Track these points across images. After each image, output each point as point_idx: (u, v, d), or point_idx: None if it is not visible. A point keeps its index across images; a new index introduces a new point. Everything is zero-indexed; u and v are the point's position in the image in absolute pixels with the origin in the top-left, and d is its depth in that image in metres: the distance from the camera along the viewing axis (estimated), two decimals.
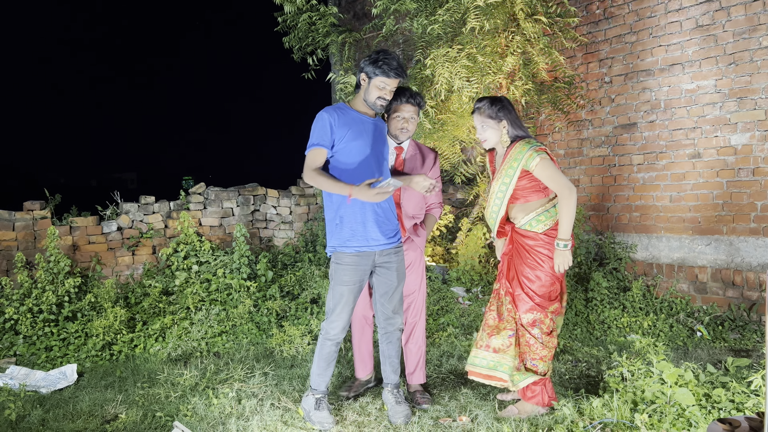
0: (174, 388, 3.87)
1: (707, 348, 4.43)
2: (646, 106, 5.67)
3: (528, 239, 3.25)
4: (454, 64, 5.02)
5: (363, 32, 6.22)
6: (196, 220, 6.44)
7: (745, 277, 4.99)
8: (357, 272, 3.21)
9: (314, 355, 3.32)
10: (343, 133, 3.17)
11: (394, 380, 3.42)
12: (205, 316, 4.98)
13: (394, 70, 3.14)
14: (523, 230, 3.26)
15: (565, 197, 3.11)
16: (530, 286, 3.24)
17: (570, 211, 3.12)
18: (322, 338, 3.27)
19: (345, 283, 3.20)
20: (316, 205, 7.07)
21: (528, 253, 3.25)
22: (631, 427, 2.97)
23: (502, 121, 3.26)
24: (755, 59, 4.88)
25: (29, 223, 5.62)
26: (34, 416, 3.44)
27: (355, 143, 3.18)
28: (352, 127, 3.19)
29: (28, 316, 4.76)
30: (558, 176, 3.15)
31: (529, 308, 3.24)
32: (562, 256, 3.18)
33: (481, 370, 3.31)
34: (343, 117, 3.20)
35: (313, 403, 3.25)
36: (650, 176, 5.67)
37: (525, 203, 3.25)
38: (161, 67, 25.57)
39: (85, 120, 24.96)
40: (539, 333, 3.23)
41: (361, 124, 3.22)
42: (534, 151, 3.16)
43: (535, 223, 3.23)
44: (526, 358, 3.25)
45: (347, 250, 3.20)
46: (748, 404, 3.11)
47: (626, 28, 5.80)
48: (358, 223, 3.18)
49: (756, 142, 4.90)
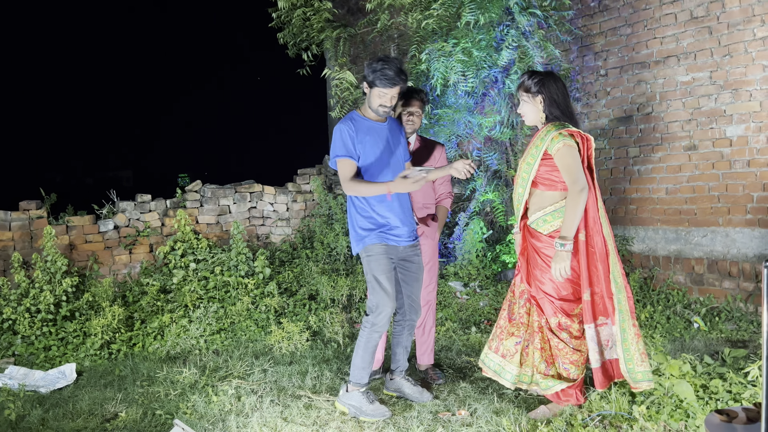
0: (173, 386, 3.88)
1: (704, 339, 4.45)
2: (642, 98, 5.68)
3: (535, 239, 3.11)
4: (450, 58, 5.02)
5: (358, 27, 6.21)
6: (192, 218, 6.44)
7: (741, 268, 5.01)
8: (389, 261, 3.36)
9: (358, 349, 3.37)
10: (363, 142, 3.31)
11: (406, 365, 3.62)
12: (204, 313, 4.98)
13: (390, 81, 3.20)
14: (532, 228, 3.12)
15: (575, 193, 2.93)
16: (544, 288, 3.09)
17: (577, 210, 2.94)
18: (369, 331, 3.34)
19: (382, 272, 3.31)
20: (313, 201, 7.07)
21: (537, 254, 3.11)
22: (629, 418, 2.98)
23: (538, 96, 3.09)
24: (750, 50, 4.89)
25: (25, 223, 5.61)
26: (34, 416, 3.44)
27: (373, 150, 3.32)
28: (368, 135, 3.33)
29: (26, 316, 4.75)
30: (575, 169, 2.96)
31: (553, 312, 3.09)
32: (560, 260, 2.96)
33: (488, 371, 3.32)
34: (360, 127, 3.34)
35: (365, 398, 3.32)
36: (646, 168, 5.68)
37: (544, 192, 3.07)
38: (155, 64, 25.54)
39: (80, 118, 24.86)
40: (568, 337, 3.07)
41: (375, 133, 3.35)
42: (559, 134, 2.98)
43: (542, 222, 3.08)
44: (557, 362, 3.10)
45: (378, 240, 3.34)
46: (745, 395, 3.13)
47: (621, 20, 5.80)
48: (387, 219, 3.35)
49: (751, 134, 4.92)
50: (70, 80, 26.42)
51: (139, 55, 28.02)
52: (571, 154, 2.98)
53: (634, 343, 3.02)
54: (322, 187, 6.94)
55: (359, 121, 3.36)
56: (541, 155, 3.03)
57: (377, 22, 5.75)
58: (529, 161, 3.09)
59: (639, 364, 3.02)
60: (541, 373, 3.13)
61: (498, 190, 6.35)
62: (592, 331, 3.04)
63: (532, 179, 3.08)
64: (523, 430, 2.98)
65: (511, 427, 3.00)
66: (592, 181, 3.07)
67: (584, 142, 3.07)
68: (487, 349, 3.32)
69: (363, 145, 3.31)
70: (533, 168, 3.06)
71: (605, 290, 3.03)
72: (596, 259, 3.02)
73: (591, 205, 3.03)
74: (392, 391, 3.61)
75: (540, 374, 3.13)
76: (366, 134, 3.32)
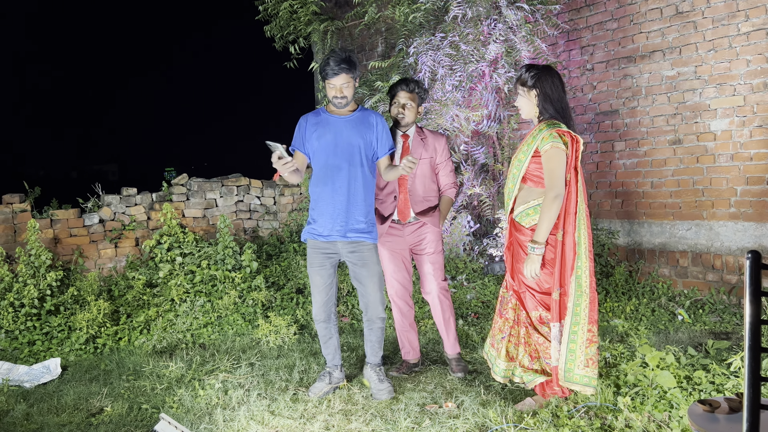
0: (160, 380, 3.86)
1: (688, 331, 4.51)
2: (628, 92, 5.71)
3: (518, 233, 3.12)
4: (437, 52, 5.02)
5: (345, 20, 6.19)
6: (179, 212, 6.39)
7: (724, 261, 5.07)
8: (315, 257, 3.53)
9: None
10: (311, 136, 3.45)
11: (375, 360, 3.60)
12: (190, 307, 4.96)
13: (332, 70, 3.29)
14: (516, 221, 3.14)
15: (549, 199, 2.95)
16: (526, 282, 3.10)
17: (549, 215, 2.95)
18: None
19: (312, 267, 3.52)
20: (300, 195, 7.05)
21: (520, 247, 3.12)
22: (614, 410, 3.01)
23: (533, 91, 3.08)
24: (734, 45, 4.93)
25: (8, 217, 5.54)
26: (18, 411, 3.41)
27: (318, 143, 3.42)
28: (317, 128, 3.43)
29: (10, 310, 4.70)
30: (556, 175, 2.96)
31: (534, 306, 3.11)
32: (531, 262, 3.01)
33: (488, 362, 3.36)
34: (316, 120, 3.46)
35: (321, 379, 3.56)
36: (632, 162, 5.73)
37: (532, 188, 3.08)
38: (142, 59, 25.23)
39: (65, 111, 24.60)
40: (548, 331, 3.07)
41: (325, 125, 3.43)
42: (550, 134, 2.99)
43: (524, 216, 3.09)
44: (541, 357, 3.11)
45: (305, 236, 3.57)
46: (728, 385, 3.17)
47: (608, 15, 5.83)
48: (320, 215, 3.49)
49: (735, 128, 4.97)
50: (55, 74, 26.19)
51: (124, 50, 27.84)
52: (557, 157, 2.98)
53: (582, 347, 3.01)
54: (309, 180, 6.91)
55: (320, 114, 3.48)
56: (532, 152, 3.05)
57: (365, 15, 5.74)
58: (520, 158, 3.11)
59: (580, 367, 3.01)
60: (524, 367, 3.15)
61: (485, 184, 6.36)
62: (557, 330, 3.05)
63: (522, 175, 3.11)
64: (509, 421, 3.00)
65: (498, 419, 3.02)
66: (576, 181, 3.05)
67: (573, 142, 3.06)
68: (487, 341, 3.37)
69: (311, 139, 3.45)
70: (524, 164, 3.08)
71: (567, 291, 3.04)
72: (568, 261, 3.03)
73: (570, 207, 3.02)
74: (366, 378, 3.67)
75: (522, 368, 3.16)
76: (316, 127, 3.43)
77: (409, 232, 3.80)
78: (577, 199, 3.04)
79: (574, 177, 3.05)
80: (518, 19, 5.14)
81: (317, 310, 3.56)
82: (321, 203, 3.45)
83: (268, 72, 19.57)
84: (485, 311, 5.14)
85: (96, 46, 26.90)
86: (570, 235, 3.02)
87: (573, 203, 3.03)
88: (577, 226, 3.03)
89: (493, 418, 3.03)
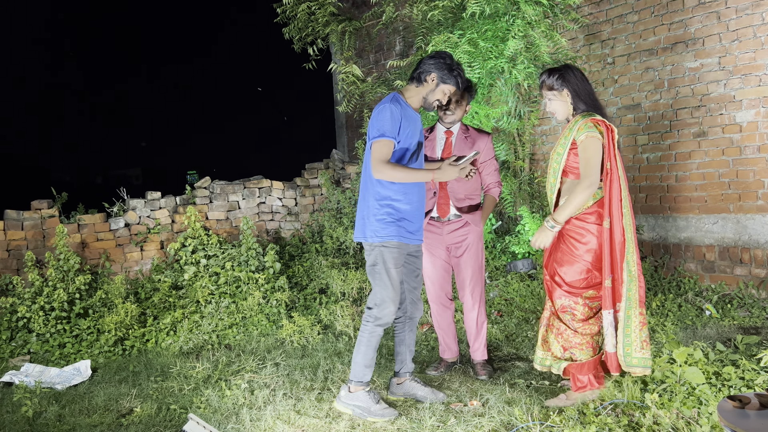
0: (187, 380, 3.91)
1: (716, 326, 4.43)
2: (650, 86, 5.64)
3: (565, 223, 3.12)
4: (456, 49, 5.00)
5: (363, 20, 6.20)
6: (202, 215, 6.47)
7: (753, 255, 4.98)
8: (402, 255, 3.29)
9: (360, 346, 3.26)
10: (406, 129, 3.23)
11: (413, 366, 3.51)
12: (215, 309, 5.02)
13: (464, 83, 3.38)
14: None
15: (582, 186, 2.98)
16: (559, 271, 3.13)
17: (578, 201, 2.99)
18: (373, 326, 3.24)
19: (395, 266, 3.24)
20: (321, 195, 7.09)
21: (562, 237, 3.14)
22: (641, 406, 2.98)
23: (564, 91, 3.13)
24: (759, 35, 4.84)
25: (38, 222, 5.66)
26: (51, 412, 3.48)
27: (409, 140, 3.27)
28: (410, 124, 3.28)
29: (41, 314, 4.80)
30: (592, 163, 2.98)
31: (559, 294, 3.13)
32: (543, 234, 3.09)
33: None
34: (405, 113, 3.25)
35: (370, 397, 3.21)
36: (655, 156, 5.65)
37: (574, 180, 3.09)
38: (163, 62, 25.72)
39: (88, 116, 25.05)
40: (570, 319, 3.10)
41: (414, 122, 3.31)
42: (585, 124, 3.02)
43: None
44: (566, 346, 3.14)
45: (396, 238, 3.22)
46: (758, 381, 3.12)
47: (628, 7, 5.76)
48: (404, 214, 3.25)
49: (761, 119, 4.88)
50: (79, 78, 26.62)
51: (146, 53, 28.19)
52: (593, 146, 3.01)
53: (636, 331, 3.06)
54: (330, 181, 6.95)
55: (405, 107, 3.27)
56: (570, 145, 3.09)
57: (382, 14, 5.74)
58: (559, 151, 3.15)
59: (637, 351, 3.05)
60: (555, 357, 3.18)
61: (506, 181, 6.33)
62: (611, 317, 3.07)
63: (562, 169, 3.13)
64: (535, 419, 2.98)
65: (523, 416, 3.01)
66: (616, 169, 3.06)
67: (609, 131, 3.08)
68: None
69: (405, 132, 3.22)
70: (563, 158, 3.12)
71: (619, 278, 3.06)
72: (617, 247, 3.05)
73: (615, 194, 3.05)
74: (400, 395, 3.45)
75: (553, 357, 3.19)
76: (408, 122, 3.24)
77: (448, 231, 3.76)
78: (620, 186, 3.07)
79: (614, 165, 3.07)
80: (537, 15, 5.09)
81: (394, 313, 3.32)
82: (413, 199, 3.29)
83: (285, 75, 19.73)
84: (508, 309, 5.11)
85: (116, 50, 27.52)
86: (618, 221, 3.05)
87: (617, 190, 3.06)
88: (624, 213, 3.06)
89: (519, 416, 3.02)
